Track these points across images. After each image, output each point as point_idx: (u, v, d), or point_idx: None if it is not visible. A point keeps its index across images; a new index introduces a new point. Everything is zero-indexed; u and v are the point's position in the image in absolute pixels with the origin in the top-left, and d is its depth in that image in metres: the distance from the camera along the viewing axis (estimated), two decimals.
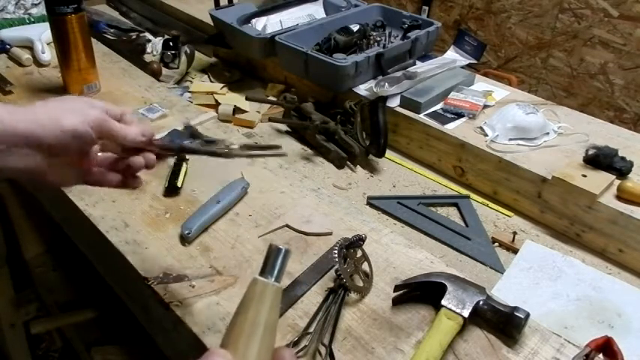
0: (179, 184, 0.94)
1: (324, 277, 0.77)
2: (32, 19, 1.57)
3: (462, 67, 1.31)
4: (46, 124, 0.58)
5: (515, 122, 1.05)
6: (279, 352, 0.47)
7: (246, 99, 1.29)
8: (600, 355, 0.68)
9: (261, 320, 0.49)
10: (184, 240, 0.83)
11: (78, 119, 0.60)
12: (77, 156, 0.64)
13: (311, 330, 0.68)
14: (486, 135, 1.07)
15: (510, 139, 1.05)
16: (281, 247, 0.55)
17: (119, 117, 0.66)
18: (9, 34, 1.45)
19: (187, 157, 1.01)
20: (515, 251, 0.93)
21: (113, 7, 1.83)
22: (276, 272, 0.55)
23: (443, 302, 0.70)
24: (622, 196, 0.91)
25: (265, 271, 0.55)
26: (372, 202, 1.02)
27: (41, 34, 1.41)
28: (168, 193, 0.93)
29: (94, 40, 1.25)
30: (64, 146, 0.60)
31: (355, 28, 1.31)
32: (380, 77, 1.19)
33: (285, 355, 0.46)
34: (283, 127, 1.25)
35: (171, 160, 1.01)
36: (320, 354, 0.66)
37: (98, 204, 0.90)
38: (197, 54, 1.51)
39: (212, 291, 0.74)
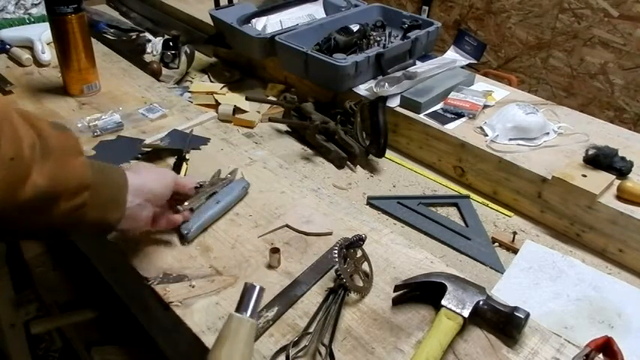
0: None
1: (324, 277, 0.77)
2: (32, 19, 1.57)
3: (462, 67, 1.30)
4: (160, 181, 0.75)
5: (515, 122, 1.05)
6: None
7: (246, 99, 1.29)
8: (600, 355, 0.68)
9: (236, 355, 0.53)
10: (184, 240, 0.83)
11: (171, 176, 0.78)
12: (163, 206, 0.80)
13: (311, 330, 0.68)
14: (486, 135, 1.07)
15: (510, 139, 1.05)
16: (255, 284, 0.59)
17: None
18: (9, 34, 1.45)
19: (187, 156, 1.01)
20: (515, 251, 0.92)
21: (113, 7, 1.83)
22: (250, 309, 0.58)
23: (443, 302, 0.70)
24: (622, 196, 0.91)
25: (240, 307, 0.58)
26: (372, 202, 1.02)
27: (41, 34, 1.41)
28: None
29: (94, 40, 1.25)
30: (165, 198, 0.77)
31: (355, 28, 1.31)
32: (380, 77, 1.19)
33: None
34: (283, 127, 1.25)
35: (172, 160, 1.01)
36: (320, 354, 0.66)
37: None
38: (197, 54, 1.51)
39: (212, 291, 0.74)
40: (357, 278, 0.76)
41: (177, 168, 0.98)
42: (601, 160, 0.96)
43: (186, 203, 0.82)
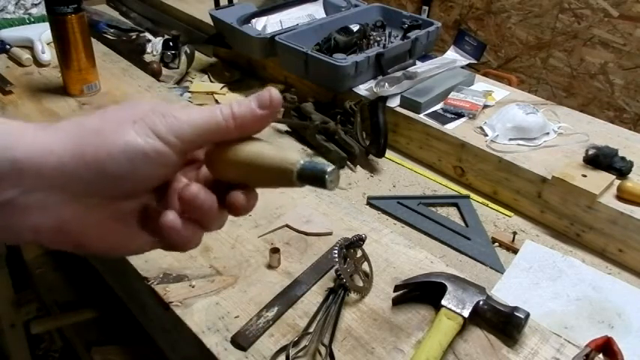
0: None
1: (324, 277, 0.77)
2: (32, 19, 1.57)
3: (462, 67, 1.30)
4: (96, 144, 0.36)
5: (515, 122, 1.05)
6: None
7: None
8: (600, 355, 0.68)
9: None
10: None
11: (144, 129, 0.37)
12: (150, 195, 0.41)
13: (311, 330, 0.68)
14: (486, 135, 1.07)
15: (510, 139, 1.05)
16: None
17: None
18: (9, 34, 1.45)
19: None
20: (515, 251, 0.92)
21: (113, 7, 1.83)
22: None
23: (443, 302, 0.70)
24: (622, 196, 0.91)
25: None
26: (372, 202, 1.02)
27: (41, 34, 1.41)
28: None
29: (94, 40, 1.24)
30: (126, 180, 0.37)
31: (355, 28, 1.31)
32: (380, 77, 1.19)
33: None
34: (283, 127, 1.25)
35: None
36: (320, 354, 0.66)
37: None
38: (197, 54, 1.51)
39: (212, 291, 0.74)
40: (357, 278, 0.76)
41: None
42: (601, 160, 0.96)
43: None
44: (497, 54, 2.50)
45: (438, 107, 1.16)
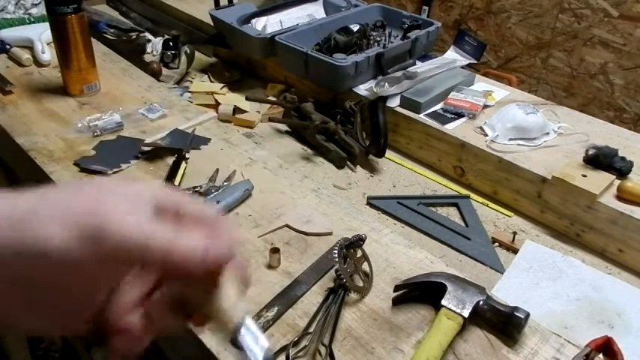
0: (176, 183, 0.94)
1: (324, 277, 0.77)
2: (32, 19, 1.57)
3: (462, 67, 1.30)
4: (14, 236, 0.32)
5: (515, 122, 1.05)
6: None
7: (246, 99, 1.29)
8: (600, 355, 0.68)
9: None
10: None
11: (65, 229, 0.32)
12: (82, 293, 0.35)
13: (311, 330, 0.68)
14: (486, 135, 1.07)
15: (510, 139, 1.05)
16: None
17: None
18: (9, 34, 1.45)
19: (187, 155, 1.01)
20: (515, 251, 0.92)
21: (113, 7, 1.83)
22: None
23: (443, 302, 0.70)
24: (622, 196, 0.91)
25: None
26: (372, 202, 1.02)
27: (41, 34, 1.41)
28: None
29: (94, 40, 1.25)
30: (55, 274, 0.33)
31: (355, 28, 1.31)
32: (380, 77, 1.19)
33: None
34: (283, 127, 1.25)
35: (170, 159, 1.01)
36: (320, 354, 0.66)
37: None
38: (197, 54, 1.51)
39: None
40: (357, 278, 0.76)
41: (175, 168, 0.97)
42: (601, 160, 0.96)
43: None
44: (497, 54, 2.50)
45: (438, 107, 1.16)
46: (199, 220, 0.38)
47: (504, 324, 0.69)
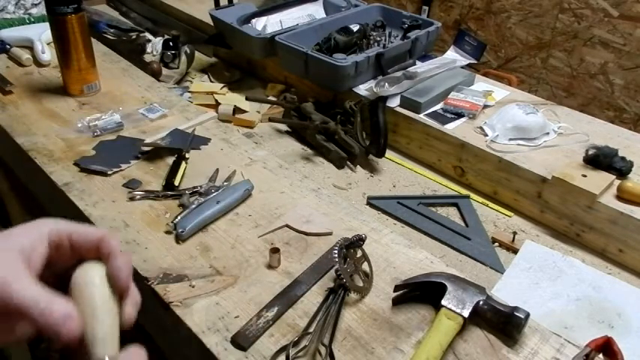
0: (176, 183, 0.94)
1: (324, 277, 0.77)
2: (32, 19, 1.57)
3: (462, 67, 1.31)
4: None
5: (515, 122, 1.05)
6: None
7: (246, 99, 1.29)
8: (600, 355, 0.68)
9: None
10: (178, 238, 0.82)
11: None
12: None
13: (311, 330, 0.68)
14: (486, 135, 1.07)
15: (510, 139, 1.05)
16: None
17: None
18: (9, 34, 1.45)
19: (187, 155, 1.01)
20: (515, 251, 0.92)
21: (113, 7, 1.83)
22: None
23: (443, 302, 0.70)
24: (622, 196, 0.91)
25: None
26: (372, 202, 1.02)
27: (41, 34, 1.41)
28: (166, 191, 0.93)
29: (94, 40, 1.25)
30: None
31: (355, 28, 1.31)
32: (380, 77, 1.19)
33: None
34: (283, 127, 1.25)
35: (170, 159, 1.01)
36: (320, 354, 0.66)
37: (98, 204, 0.90)
38: (197, 54, 1.51)
39: (212, 291, 0.74)
40: (357, 278, 0.76)
41: (175, 168, 0.97)
42: (601, 160, 0.96)
43: None
44: (497, 54, 2.50)
45: (438, 107, 1.16)
46: (89, 243, 0.44)
47: (504, 324, 0.69)
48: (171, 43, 1.47)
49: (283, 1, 1.46)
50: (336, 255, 0.72)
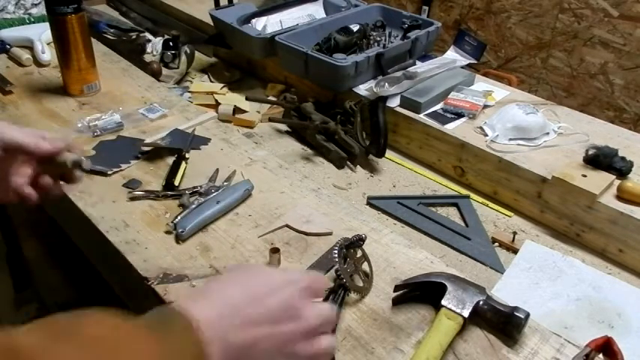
0: (176, 183, 0.94)
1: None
2: (32, 19, 1.58)
3: (462, 67, 1.30)
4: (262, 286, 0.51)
5: (515, 122, 1.05)
6: None
7: (246, 99, 1.29)
8: (600, 355, 0.68)
9: None
10: (178, 238, 0.82)
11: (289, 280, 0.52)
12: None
13: None
14: (486, 135, 1.07)
15: (510, 139, 1.05)
16: None
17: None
18: (9, 34, 1.45)
19: (187, 155, 1.01)
20: (515, 251, 0.92)
21: (113, 7, 1.83)
22: None
23: (443, 302, 0.70)
24: (622, 196, 0.91)
25: None
26: (372, 202, 1.02)
27: (41, 34, 1.41)
28: (166, 191, 0.93)
29: (94, 40, 1.25)
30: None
31: (355, 28, 1.31)
32: (380, 77, 1.19)
33: None
34: (283, 127, 1.25)
35: (170, 159, 1.01)
36: None
37: (98, 204, 0.90)
38: (197, 54, 1.51)
39: None
40: (357, 278, 0.76)
41: (175, 168, 0.98)
42: (601, 160, 0.96)
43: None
44: (497, 54, 2.50)
45: (438, 107, 1.16)
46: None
47: (504, 324, 0.69)
48: (171, 43, 1.47)
49: (283, 1, 1.46)
50: (336, 255, 0.72)
